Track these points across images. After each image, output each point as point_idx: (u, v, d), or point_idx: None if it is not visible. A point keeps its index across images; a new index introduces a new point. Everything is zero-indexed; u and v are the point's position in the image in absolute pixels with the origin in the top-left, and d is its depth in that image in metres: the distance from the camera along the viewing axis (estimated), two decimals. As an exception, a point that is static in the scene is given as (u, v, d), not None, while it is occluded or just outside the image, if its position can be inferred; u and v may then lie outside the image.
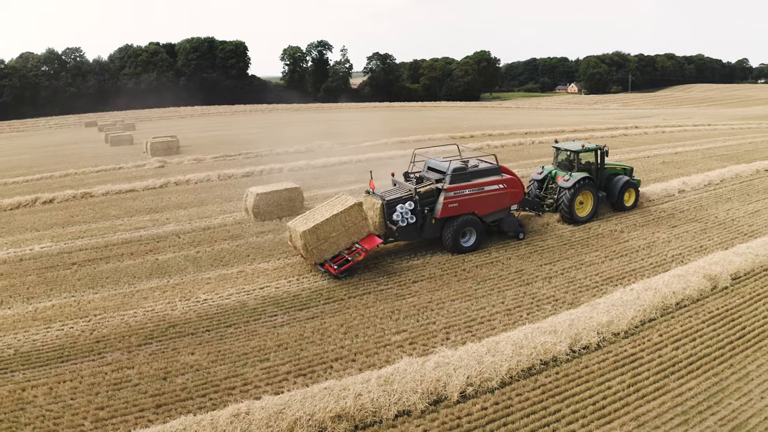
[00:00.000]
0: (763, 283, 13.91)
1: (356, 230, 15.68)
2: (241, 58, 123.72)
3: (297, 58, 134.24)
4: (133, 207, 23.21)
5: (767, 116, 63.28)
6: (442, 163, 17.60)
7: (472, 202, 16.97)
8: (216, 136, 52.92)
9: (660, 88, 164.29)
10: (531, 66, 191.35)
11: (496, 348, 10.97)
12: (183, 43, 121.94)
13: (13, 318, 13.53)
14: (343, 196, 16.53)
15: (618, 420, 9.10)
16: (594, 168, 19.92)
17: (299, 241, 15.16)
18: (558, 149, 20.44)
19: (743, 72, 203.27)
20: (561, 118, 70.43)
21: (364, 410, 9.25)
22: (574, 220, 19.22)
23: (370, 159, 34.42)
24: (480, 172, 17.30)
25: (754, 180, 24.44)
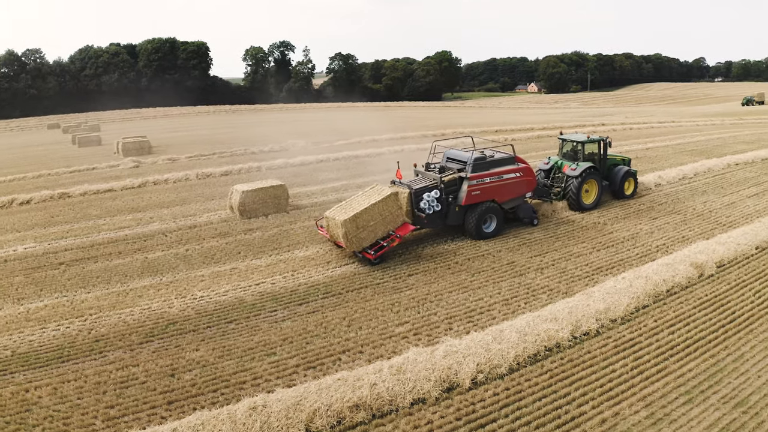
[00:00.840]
0: (747, 271, 14.54)
1: (392, 219, 16.11)
2: (203, 58, 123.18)
3: (259, 59, 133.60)
4: (114, 206, 22.75)
5: (728, 113, 65.56)
6: (463, 153, 18.30)
7: (492, 190, 17.69)
8: (185, 136, 52.11)
9: (619, 87, 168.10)
10: (491, 66, 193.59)
11: (501, 336, 11.22)
12: (144, 44, 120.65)
13: (6, 319, 13.17)
14: (377, 185, 16.89)
15: (626, 401, 9.44)
16: (597, 158, 20.91)
17: (340, 229, 15.41)
18: (564, 140, 21.40)
19: (700, 71, 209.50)
20: (527, 117, 71.57)
21: (380, 399, 9.37)
22: (580, 207, 20.17)
23: (348, 157, 34.55)
24: (498, 162, 18.09)
25: (726, 173, 25.41)
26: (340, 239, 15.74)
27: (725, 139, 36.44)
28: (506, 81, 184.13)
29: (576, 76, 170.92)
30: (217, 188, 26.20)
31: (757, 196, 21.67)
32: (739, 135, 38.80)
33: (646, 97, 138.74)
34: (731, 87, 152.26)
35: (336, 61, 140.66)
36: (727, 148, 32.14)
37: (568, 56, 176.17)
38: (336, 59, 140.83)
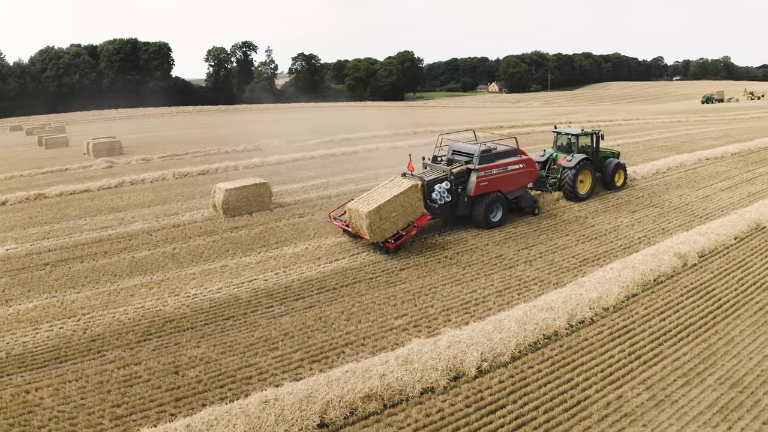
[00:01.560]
0: (728, 260, 15.15)
1: (412, 210, 16.55)
2: (165, 59, 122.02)
3: (222, 60, 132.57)
4: (93, 207, 22.26)
5: (691, 111, 67.64)
6: (469, 146, 18.90)
7: (498, 181, 18.38)
8: (152, 137, 51.20)
9: (578, 87, 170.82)
10: (452, 66, 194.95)
11: (501, 325, 11.46)
12: (105, 45, 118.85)
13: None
14: (397, 178, 17.34)
15: (627, 384, 9.78)
16: (590, 150, 21.72)
17: (364, 221, 15.71)
18: (558, 134, 22.24)
19: (659, 69, 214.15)
20: (495, 116, 72.50)
21: (390, 389, 9.49)
22: (576, 197, 20.96)
23: (324, 155, 34.60)
24: (502, 154, 18.84)
25: (698, 168, 26.32)
26: (363, 230, 16.07)
27: (693, 136, 37.69)
28: (467, 81, 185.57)
29: (536, 75, 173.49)
30: (196, 187, 25.89)
31: (730, 189, 22.54)
32: (705, 132, 40.16)
33: (606, 96, 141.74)
34: (689, 85, 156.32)
35: (299, 62, 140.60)
36: (696, 144, 33.27)
37: (528, 56, 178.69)
38: (299, 59, 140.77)
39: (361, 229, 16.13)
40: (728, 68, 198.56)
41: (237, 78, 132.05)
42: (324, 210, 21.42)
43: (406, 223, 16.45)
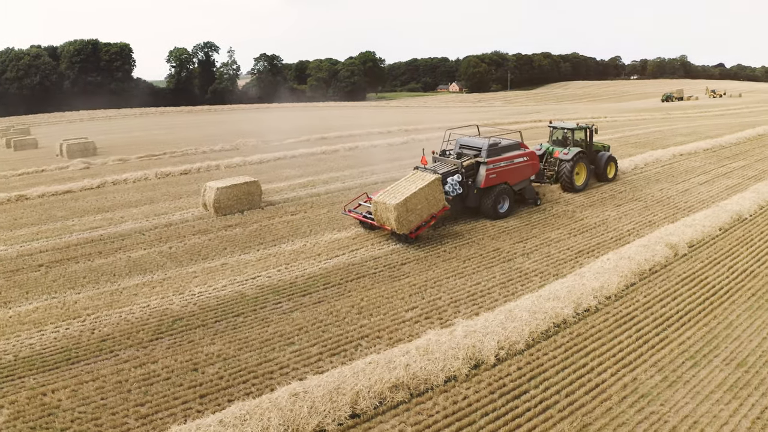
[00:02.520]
0: (715, 249, 15.85)
1: (435, 202, 17.05)
2: (127, 60, 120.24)
3: (183, 60, 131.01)
4: (79, 207, 21.78)
5: (655, 109, 69.80)
6: (477, 140, 19.58)
7: (506, 173, 19.13)
8: (121, 138, 50.01)
9: (538, 86, 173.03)
10: (412, 66, 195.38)
11: (512, 315, 11.79)
12: (66, 46, 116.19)
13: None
14: (419, 172, 17.84)
15: (639, 368, 10.21)
16: (584, 144, 22.56)
17: (392, 213, 16.15)
18: (554, 128, 23.13)
19: (616, 69, 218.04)
20: (462, 115, 73.03)
21: (416, 378, 9.69)
22: (573, 188, 21.86)
23: (304, 155, 34.62)
24: (508, 147, 19.60)
25: (674, 163, 27.30)
26: (390, 222, 16.51)
27: (663, 132, 38.97)
28: (428, 81, 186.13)
29: (496, 75, 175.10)
30: (181, 187, 25.57)
31: (707, 183, 23.48)
32: (674, 129, 41.57)
33: (566, 95, 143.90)
34: (647, 84, 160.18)
35: (261, 62, 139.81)
36: (668, 141, 34.44)
37: (488, 56, 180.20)
38: (261, 60, 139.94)
39: (388, 221, 16.60)
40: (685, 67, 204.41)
41: (199, 79, 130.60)
42: (315, 208, 21.49)
43: (428, 214, 16.99)
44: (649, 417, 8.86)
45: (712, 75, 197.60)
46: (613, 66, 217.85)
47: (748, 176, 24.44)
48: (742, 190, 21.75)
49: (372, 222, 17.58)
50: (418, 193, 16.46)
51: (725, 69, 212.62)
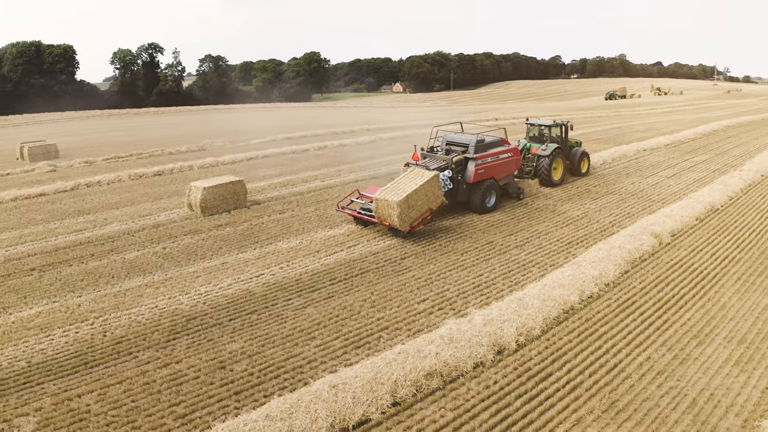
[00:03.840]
0: (696, 238, 16.89)
1: (434, 198, 17.50)
2: (71, 62, 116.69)
3: (127, 62, 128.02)
4: (58, 210, 21.06)
5: (605, 107, 72.49)
6: (463, 137, 20.06)
7: (492, 169, 19.83)
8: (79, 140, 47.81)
9: (480, 86, 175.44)
10: (356, 66, 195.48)
11: (524, 303, 12.30)
12: (8, 48, 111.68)
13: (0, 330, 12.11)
14: (417, 168, 18.09)
15: (650, 348, 10.89)
16: (560, 140, 23.49)
17: (394, 210, 16.50)
18: (531, 125, 23.97)
19: (557, 68, 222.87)
20: (412, 115, 72.91)
21: (447, 366, 10.04)
22: (551, 183, 22.80)
23: (275, 154, 34.53)
24: (493, 144, 20.32)
25: (640, 158, 28.68)
26: (392, 218, 16.79)
27: (622, 129, 40.73)
28: (371, 81, 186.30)
29: (439, 75, 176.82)
30: (158, 188, 25.08)
31: (675, 177, 24.82)
32: (631, 125, 43.51)
33: (509, 95, 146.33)
34: (588, 83, 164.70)
35: (206, 63, 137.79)
36: (629, 137, 36.06)
37: (431, 56, 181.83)
38: (206, 61, 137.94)
39: (389, 218, 16.86)
40: (624, 66, 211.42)
41: (143, 81, 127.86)
42: (302, 206, 21.56)
43: (427, 210, 17.39)
44: (670, 392, 9.50)
45: (651, 73, 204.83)
46: (553, 65, 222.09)
47: (711, 170, 25.97)
48: (709, 182, 23.13)
49: (367, 218, 17.86)
50: (418, 189, 16.87)
51: (663, 67, 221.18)
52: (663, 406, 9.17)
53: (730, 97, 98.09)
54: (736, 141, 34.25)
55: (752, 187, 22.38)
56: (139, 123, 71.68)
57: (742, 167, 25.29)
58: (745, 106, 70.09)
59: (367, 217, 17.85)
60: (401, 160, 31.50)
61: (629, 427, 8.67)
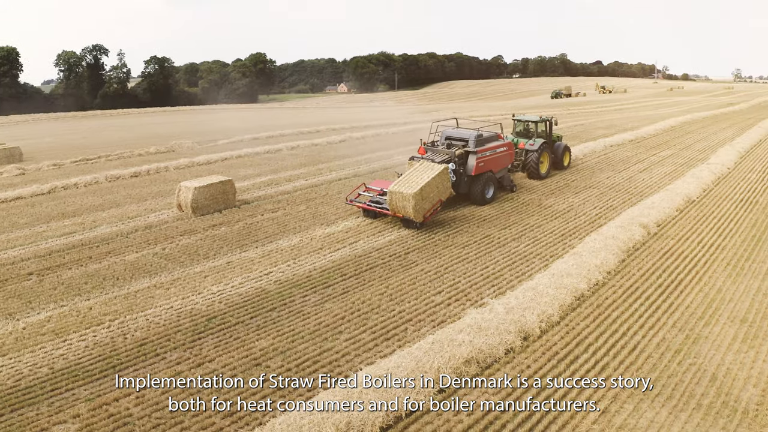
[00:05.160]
0: (680, 227, 17.93)
1: (444, 190, 18.40)
2: (14, 65, 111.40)
3: (72, 64, 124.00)
4: (41, 213, 20.31)
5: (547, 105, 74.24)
6: (463, 132, 21.00)
7: (491, 162, 20.91)
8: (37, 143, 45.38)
9: (424, 85, 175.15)
10: (299, 67, 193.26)
11: (539, 292, 12.84)
12: None
13: (11, 336, 11.72)
14: (425, 162, 18.74)
15: (662, 330, 11.61)
16: (545, 135, 24.66)
17: (409, 201, 17.22)
18: (518, 121, 25.07)
19: (499, 68, 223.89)
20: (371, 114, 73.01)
21: (482, 353, 10.44)
22: (539, 176, 23.96)
23: (249, 154, 34.14)
24: (489, 138, 21.26)
25: (609, 154, 29.96)
26: (406, 210, 17.43)
27: (585, 126, 42.28)
28: (315, 82, 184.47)
29: (383, 75, 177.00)
30: (140, 189, 24.49)
31: (646, 171, 26.10)
32: (593, 122, 45.20)
33: (455, 94, 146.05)
34: (531, 82, 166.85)
35: (151, 65, 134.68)
36: (593, 133, 37.52)
37: (375, 56, 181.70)
38: (151, 63, 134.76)
39: (403, 209, 17.51)
40: (565, 65, 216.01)
41: (88, 83, 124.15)
42: (292, 205, 21.57)
43: (438, 200, 18.17)
44: (690, 368, 10.20)
45: (591, 72, 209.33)
46: (495, 65, 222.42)
47: (679, 164, 27.45)
48: (680, 176, 24.46)
49: (379, 210, 18.47)
50: (430, 182, 17.50)
51: (603, 66, 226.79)
52: (687, 381, 9.84)
53: (674, 94, 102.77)
54: (695, 136, 36.22)
55: (722, 180, 23.86)
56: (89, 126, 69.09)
57: (708, 161, 26.86)
58: (691, 103, 73.79)
59: (379, 209, 18.46)
60: (378, 158, 31.90)
61: (662, 402, 9.28)
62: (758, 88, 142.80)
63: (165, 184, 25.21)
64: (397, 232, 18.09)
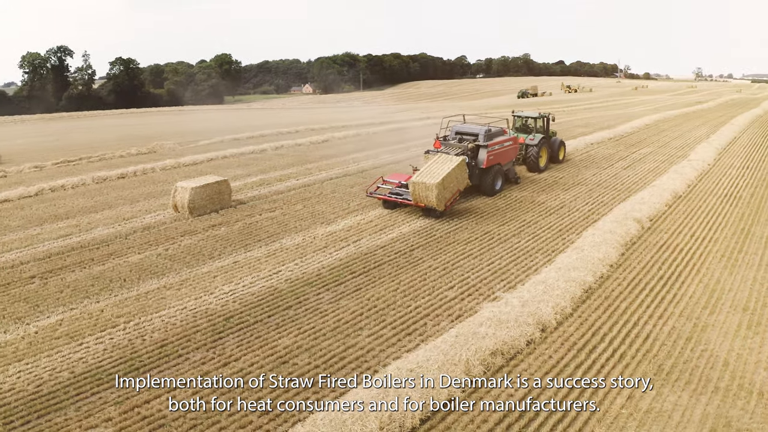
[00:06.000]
0: (671, 222, 18.58)
1: (462, 180, 19.62)
2: None
3: (37, 66, 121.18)
4: (32, 216, 19.84)
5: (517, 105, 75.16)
6: (473, 127, 22.22)
7: (499, 155, 22.26)
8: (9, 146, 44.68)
9: (389, 86, 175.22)
10: (264, 68, 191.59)
11: (550, 285, 13.21)
12: None
13: (24, 341, 11.49)
14: (441, 155, 19.81)
15: (671, 319, 12.08)
16: (543, 130, 25.90)
17: (432, 191, 18.37)
18: (518, 117, 26.49)
19: (462, 68, 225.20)
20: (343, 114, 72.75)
21: (506, 344, 10.73)
22: (538, 169, 25.32)
23: (234, 155, 34.08)
24: (498, 133, 22.53)
25: (591, 151, 30.75)
26: (429, 199, 18.66)
27: (562, 125, 43.08)
28: (280, 83, 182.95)
29: (348, 76, 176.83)
30: (129, 190, 24.12)
31: (630, 168, 26.89)
32: (568, 121, 46.18)
33: (422, 94, 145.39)
34: (495, 82, 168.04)
35: (117, 66, 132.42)
36: (572, 132, 38.35)
37: (340, 57, 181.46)
38: (117, 64, 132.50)
39: (425, 199, 18.77)
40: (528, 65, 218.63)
41: (53, 85, 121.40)
42: (289, 204, 21.62)
43: (457, 190, 19.37)
44: (702, 354, 10.69)
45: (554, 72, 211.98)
46: (459, 65, 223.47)
47: (660, 161, 28.35)
48: (664, 172, 25.28)
49: (397, 200, 19.73)
50: (451, 173, 18.78)
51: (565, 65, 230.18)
52: (701, 366, 10.31)
53: (640, 93, 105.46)
54: (671, 134, 37.41)
55: (704, 175, 24.78)
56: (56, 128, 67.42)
57: (689, 158, 27.82)
58: (659, 101, 75.99)
59: (401, 200, 19.66)
60: (366, 158, 32.04)
61: (682, 386, 9.72)
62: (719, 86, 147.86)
63: (154, 185, 24.90)
64: (398, 229, 18.31)
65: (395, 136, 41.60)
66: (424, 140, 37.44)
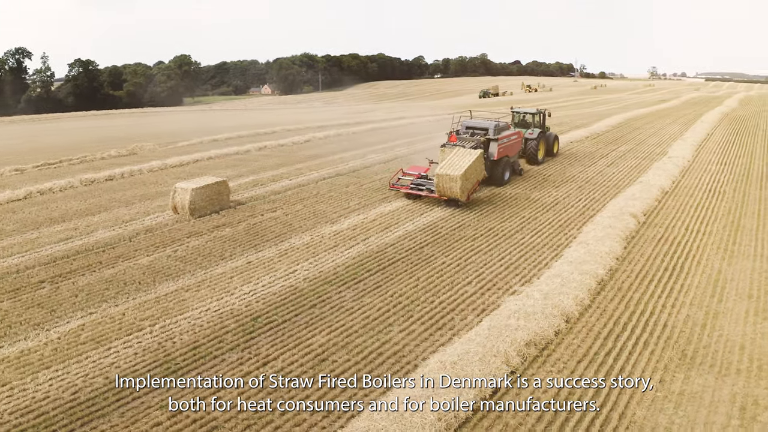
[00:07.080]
0: (663, 216, 19.42)
1: (480, 172, 20.81)
2: None
3: None
4: (26, 219, 19.25)
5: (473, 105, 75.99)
6: (482, 122, 23.74)
7: (508, 148, 23.87)
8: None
9: (348, 86, 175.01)
10: (222, 69, 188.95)
11: (566, 278, 13.72)
12: None
13: (48, 348, 11.31)
14: (458, 148, 20.82)
15: (684, 307, 12.75)
16: (539, 125, 27.47)
17: (456, 183, 19.48)
18: (516, 113, 28.17)
19: (420, 68, 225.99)
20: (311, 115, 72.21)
21: (537, 335, 11.14)
22: (537, 162, 27.31)
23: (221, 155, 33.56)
24: (504, 128, 24.21)
25: (572, 149, 31.64)
26: (453, 190, 19.76)
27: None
28: (238, 84, 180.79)
29: (307, 77, 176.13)
30: (122, 192, 23.61)
31: (613, 165, 27.83)
32: (544, 120, 47.16)
33: (383, 95, 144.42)
34: (454, 82, 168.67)
35: (76, 68, 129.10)
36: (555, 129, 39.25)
37: (299, 58, 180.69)
38: (75, 65, 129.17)
39: (450, 190, 19.84)
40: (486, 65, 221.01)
41: (11, 86, 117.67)
42: (288, 204, 21.60)
43: (476, 181, 20.59)
44: (719, 339, 11.34)
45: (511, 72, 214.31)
46: (417, 65, 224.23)
47: (641, 158, 29.42)
48: (646, 169, 26.28)
49: (425, 193, 20.69)
50: (471, 165, 19.89)
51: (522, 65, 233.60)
52: (721, 351, 10.95)
53: (600, 92, 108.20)
54: (645, 132, 38.75)
55: (686, 172, 25.88)
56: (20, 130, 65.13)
57: (669, 155, 28.96)
58: (622, 100, 78.41)
59: (425, 192, 20.71)
60: (353, 157, 32.13)
61: (706, 369, 10.32)
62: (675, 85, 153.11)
63: (146, 187, 24.50)
64: (403, 227, 18.57)
65: (377, 135, 41.84)
66: (407, 139, 38.03)
